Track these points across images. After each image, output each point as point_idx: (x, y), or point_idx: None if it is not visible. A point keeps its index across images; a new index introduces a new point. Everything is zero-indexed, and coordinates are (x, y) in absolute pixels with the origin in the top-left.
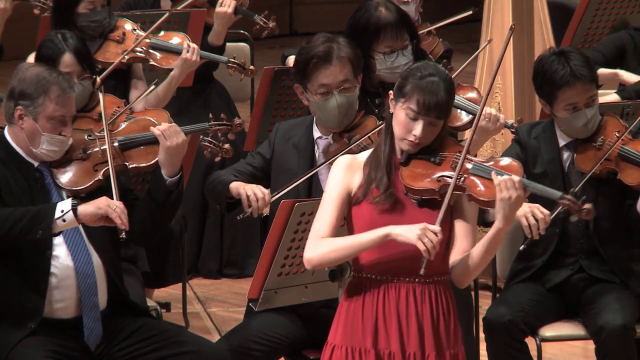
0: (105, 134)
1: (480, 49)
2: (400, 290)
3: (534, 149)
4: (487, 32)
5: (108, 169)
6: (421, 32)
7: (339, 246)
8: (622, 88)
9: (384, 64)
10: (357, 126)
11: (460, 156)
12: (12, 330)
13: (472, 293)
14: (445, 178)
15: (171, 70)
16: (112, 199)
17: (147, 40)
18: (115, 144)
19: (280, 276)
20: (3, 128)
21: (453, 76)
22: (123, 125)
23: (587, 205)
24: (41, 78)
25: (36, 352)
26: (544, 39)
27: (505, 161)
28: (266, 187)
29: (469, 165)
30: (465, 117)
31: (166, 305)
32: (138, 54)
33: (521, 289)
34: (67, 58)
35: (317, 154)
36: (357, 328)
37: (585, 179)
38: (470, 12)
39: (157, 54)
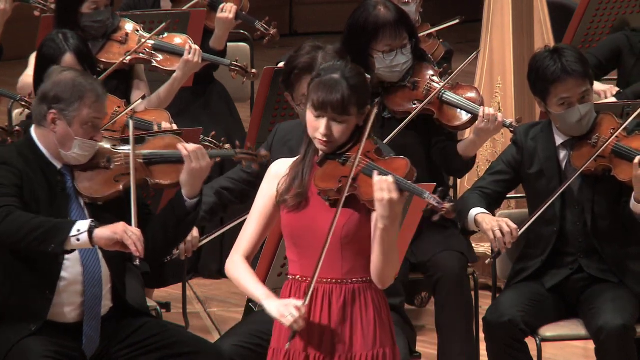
0: (130, 151)
1: (470, 57)
2: (317, 292)
3: (531, 150)
4: (487, 32)
5: (129, 181)
6: (422, 34)
7: (239, 282)
8: (620, 91)
9: (383, 62)
10: None
11: (357, 156)
12: (14, 329)
13: (472, 293)
14: (344, 178)
15: (173, 71)
16: (130, 215)
17: (150, 42)
18: (140, 160)
19: (280, 276)
20: (17, 128)
21: (452, 77)
22: (149, 140)
23: (446, 205)
24: (77, 83)
25: (36, 351)
26: (544, 39)
27: (397, 160)
28: None
29: (363, 165)
30: (464, 117)
31: (166, 305)
32: (140, 55)
33: (521, 289)
34: (68, 58)
35: None
36: (282, 330)
37: (577, 174)
38: (457, 21)
39: (159, 55)
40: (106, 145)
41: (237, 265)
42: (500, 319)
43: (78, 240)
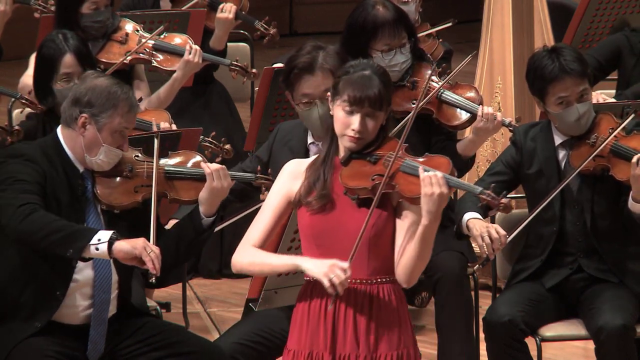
0: (154, 167)
1: (467, 58)
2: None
3: (530, 150)
4: (487, 32)
5: (148, 193)
6: (421, 34)
7: (258, 262)
8: (620, 92)
9: (382, 62)
10: None
11: (393, 154)
12: (19, 327)
13: (472, 293)
14: (378, 177)
15: (173, 72)
16: (149, 229)
17: (150, 42)
18: (162, 173)
19: (280, 276)
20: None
21: (450, 77)
22: (171, 154)
23: (503, 200)
24: (112, 91)
25: (39, 350)
26: (544, 39)
27: (436, 158)
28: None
29: (400, 163)
30: (464, 116)
31: (166, 305)
32: (141, 55)
33: (521, 289)
34: (68, 59)
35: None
36: (302, 331)
37: (575, 173)
38: (450, 24)
39: (159, 55)
40: (129, 154)
41: (250, 251)
42: (500, 319)
43: (97, 249)
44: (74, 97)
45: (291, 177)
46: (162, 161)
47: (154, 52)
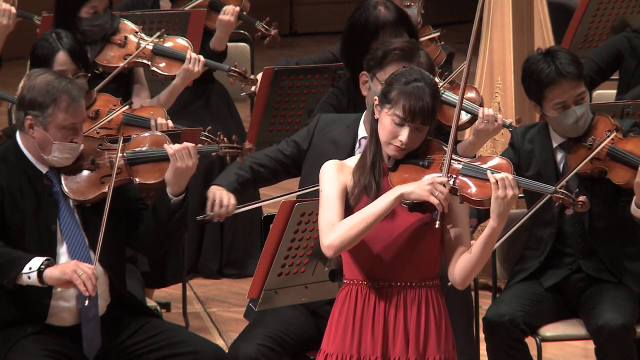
0: (117, 153)
1: (458, 69)
2: (391, 296)
3: (528, 152)
4: (487, 32)
5: (114, 181)
6: (423, 38)
7: (356, 221)
8: (620, 98)
9: None
10: None
11: (447, 158)
12: (12, 331)
13: (472, 293)
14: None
15: (172, 76)
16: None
17: (150, 46)
18: (122, 161)
19: (280, 276)
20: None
21: (448, 79)
22: (134, 138)
23: (581, 198)
24: (50, 87)
25: (35, 350)
26: (544, 39)
27: (494, 160)
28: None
29: (458, 166)
30: (464, 117)
31: (166, 305)
32: (141, 59)
33: (521, 289)
34: (62, 57)
35: (356, 153)
36: (347, 335)
37: (569, 175)
38: (438, 34)
39: (158, 59)
40: (91, 145)
41: (339, 224)
42: (500, 319)
43: (29, 277)
44: (19, 100)
45: (338, 170)
46: (123, 148)
47: (153, 56)
